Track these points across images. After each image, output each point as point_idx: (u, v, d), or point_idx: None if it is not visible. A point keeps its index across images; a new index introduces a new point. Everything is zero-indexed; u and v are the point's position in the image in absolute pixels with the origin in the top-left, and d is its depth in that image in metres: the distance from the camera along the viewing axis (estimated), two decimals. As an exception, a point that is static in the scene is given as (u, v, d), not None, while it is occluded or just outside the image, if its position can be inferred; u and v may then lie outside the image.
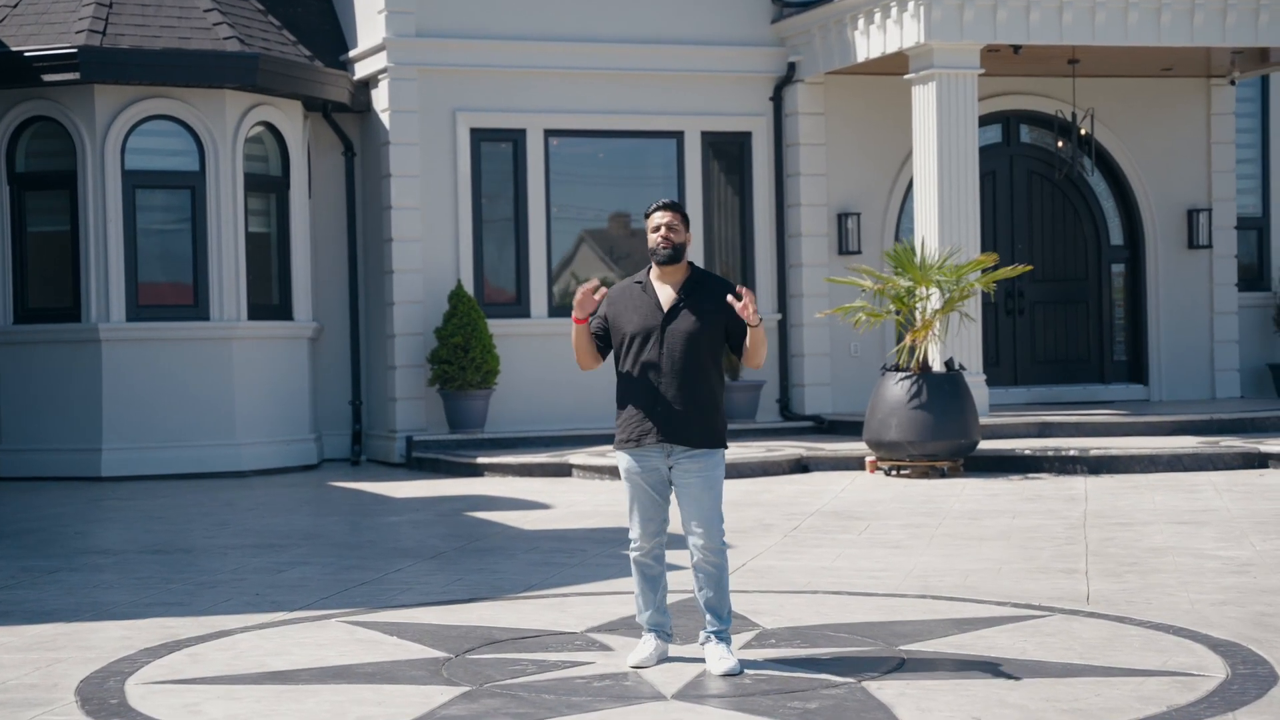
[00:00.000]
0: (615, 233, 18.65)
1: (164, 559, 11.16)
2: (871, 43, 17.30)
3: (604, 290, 7.30)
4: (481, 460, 16.29)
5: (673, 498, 7.40)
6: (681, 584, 8.60)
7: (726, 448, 7.35)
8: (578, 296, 7.23)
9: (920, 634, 7.89)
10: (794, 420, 18.39)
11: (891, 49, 16.99)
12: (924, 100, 16.83)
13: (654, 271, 7.34)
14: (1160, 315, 19.49)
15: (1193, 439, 16.02)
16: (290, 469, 17.40)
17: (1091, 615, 8.31)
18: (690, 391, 7.18)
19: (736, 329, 7.25)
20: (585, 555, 10.86)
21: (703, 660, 7.32)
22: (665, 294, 7.29)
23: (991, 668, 7.12)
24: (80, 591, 9.81)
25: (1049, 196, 19.48)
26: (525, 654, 7.66)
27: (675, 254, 7.26)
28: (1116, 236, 19.68)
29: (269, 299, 17.63)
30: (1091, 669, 7.09)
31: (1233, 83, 19.72)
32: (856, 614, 8.48)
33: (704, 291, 7.27)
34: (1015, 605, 8.63)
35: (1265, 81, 20.61)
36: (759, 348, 7.20)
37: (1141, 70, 19.14)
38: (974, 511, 12.73)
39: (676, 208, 7.31)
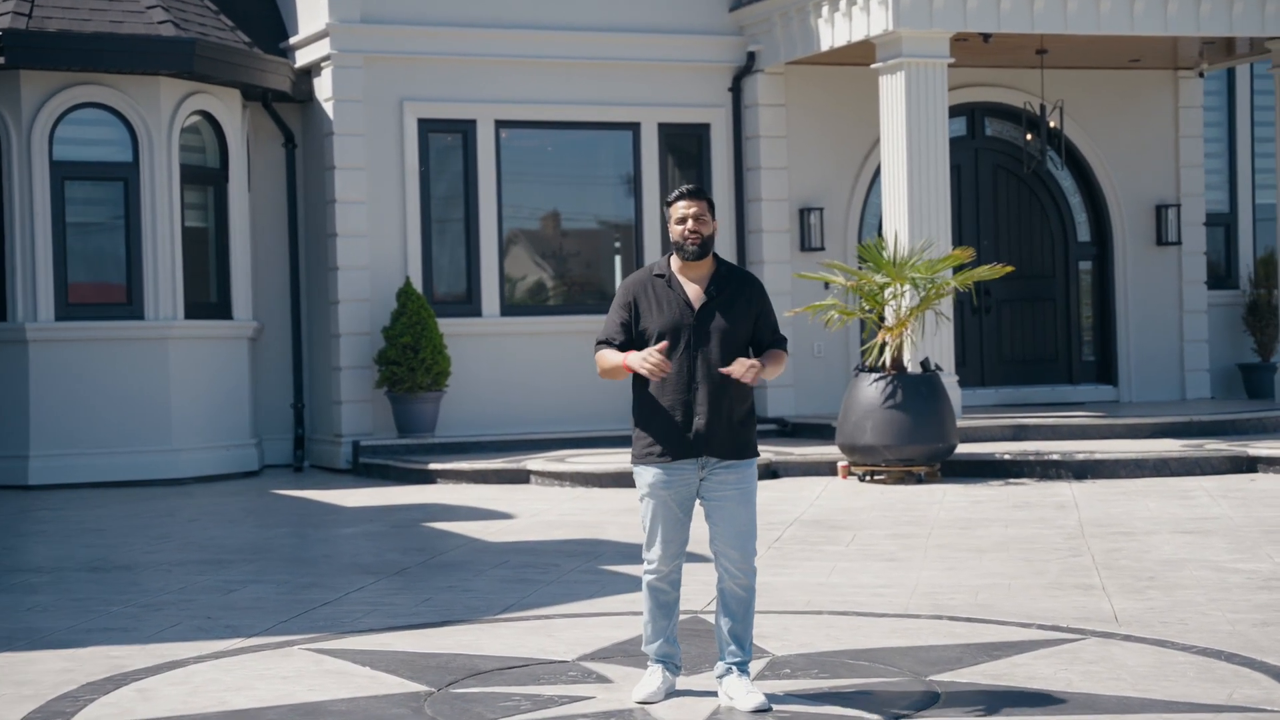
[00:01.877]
0: (548, 232, 17.87)
1: (103, 577, 10.32)
2: (836, 31, 16.64)
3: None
4: (433, 466, 15.50)
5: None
6: (687, 606, 7.88)
7: (759, 455, 6.66)
8: (656, 360, 6.40)
9: (948, 662, 7.20)
10: (760, 423, 17.63)
11: (858, 37, 16.34)
12: (892, 91, 16.19)
13: (675, 264, 6.60)
14: (1129, 314, 18.95)
15: (1174, 442, 15.46)
16: (230, 476, 16.55)
17: (1128, 639, 7.64)
18: (727, 397, 6.48)
19: (761, 333, 6.59)
20: (560, 571, 10.12)
21: (714, 693, 6.61)
22: (692, 290, 6.57)
23: (1039, 702, 6.44)
24: (12, 616, 8.96)
25: (1015, 192, 18.90)
26: (515, 687, 6.91)
27: (704, 248, 6.53)
28: (1084, 233, 19.13)
29: (207, 297, 16.77)
30: (1151, 703, 6.41)
31: (1201, 75, 19.22)
32: (873, 638, 7.78)
33: (734, 286, 6.58)
34: (1041, 627, 7.96)
35: (1231, 75, 20.14)
36: (777, 367, 6.58)
37: (1109, 61, 18.59)
38: (962, 520, 12.09)
39: (702, 195, 6.57)
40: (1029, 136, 18.08)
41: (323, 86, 17.11)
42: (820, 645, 7.64)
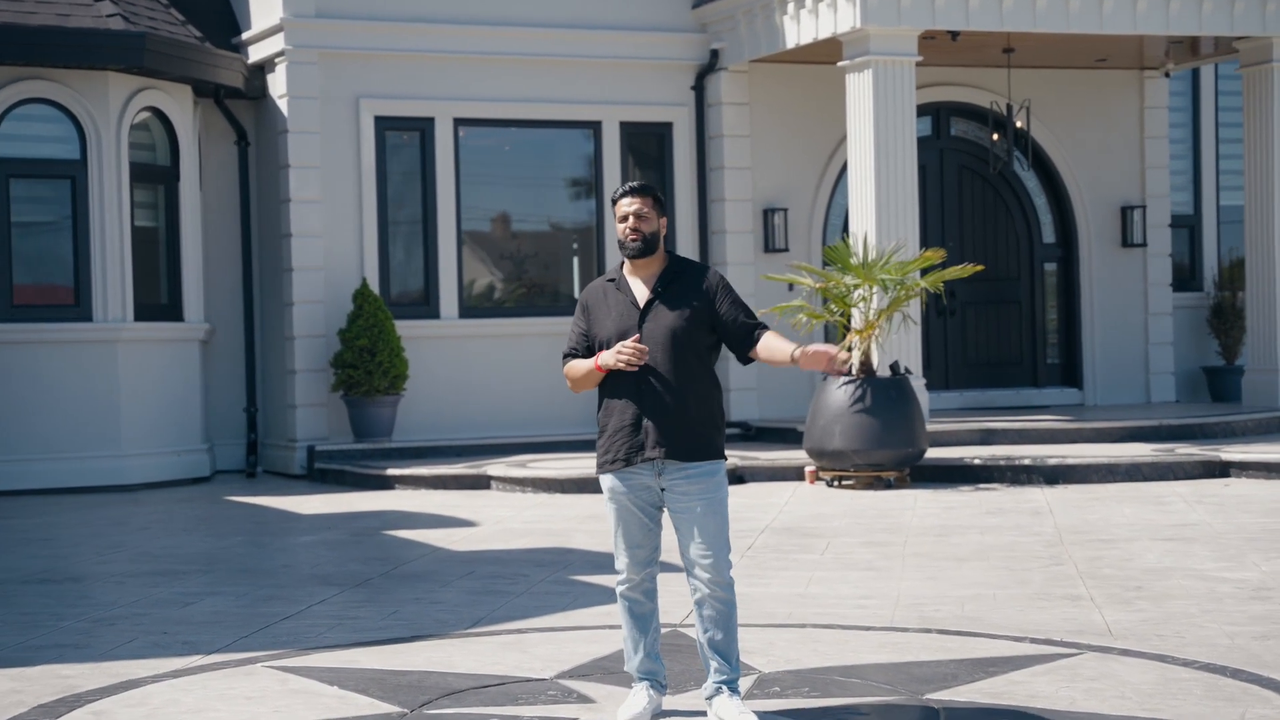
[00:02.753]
0: (508, 232, 17.52)
1: (51, 590, 9.92)
2: (802, 28, 16.36)
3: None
4: (391, 472, 15.13)
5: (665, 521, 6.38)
6: (665, 619, 7.57)
7: (725, 460, 6.32)
8: (631, 348, 6.13)
9: (944, 678, 6.91)
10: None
11: (824, 34, 16.06)
12: (859, 89, 15.92)
13: (627, 266, 6.35)
14: (1094, 316, 18.75)
15: (1145, 446, 15.25)
16: (180, 482, 16.12)
17: (1126, 653, 7.37)
18: (677, 397, 6.16)
19: (727, 326, 6.22)
20: (529, 582, 9.78)
21: (703, 713, 6.29)
22: (640, 290, 6.30)
23: (1044, 722, 6.16)
24: (-41, 631, 8.57)
25: (980, 192, 18.66)
26: (493, 708, 6.58)
27: (646, 246, 6.26)
28: (1049, 234, 18.91)
29: (157, 298, 16.35)
30: (1161, 723, 6.14)
31: (1167, 75, 19.04)
32: (861, 653, 7.48)
33: (684, 282, 6.27)
34: (1034, 641, 7.68)
35: (1196, 75, 19.97)
36: (773, 355, 6.21)
37: (1075, 61, 18.39)
38: (937, 528, 11.81)
39: (645, 191, 6.29)
40: (995, 136, 17.85)
41: (276, 83, 16.71)
42: (808, 661, 7.34)
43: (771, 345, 6.20)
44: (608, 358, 6.17)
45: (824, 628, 8.12)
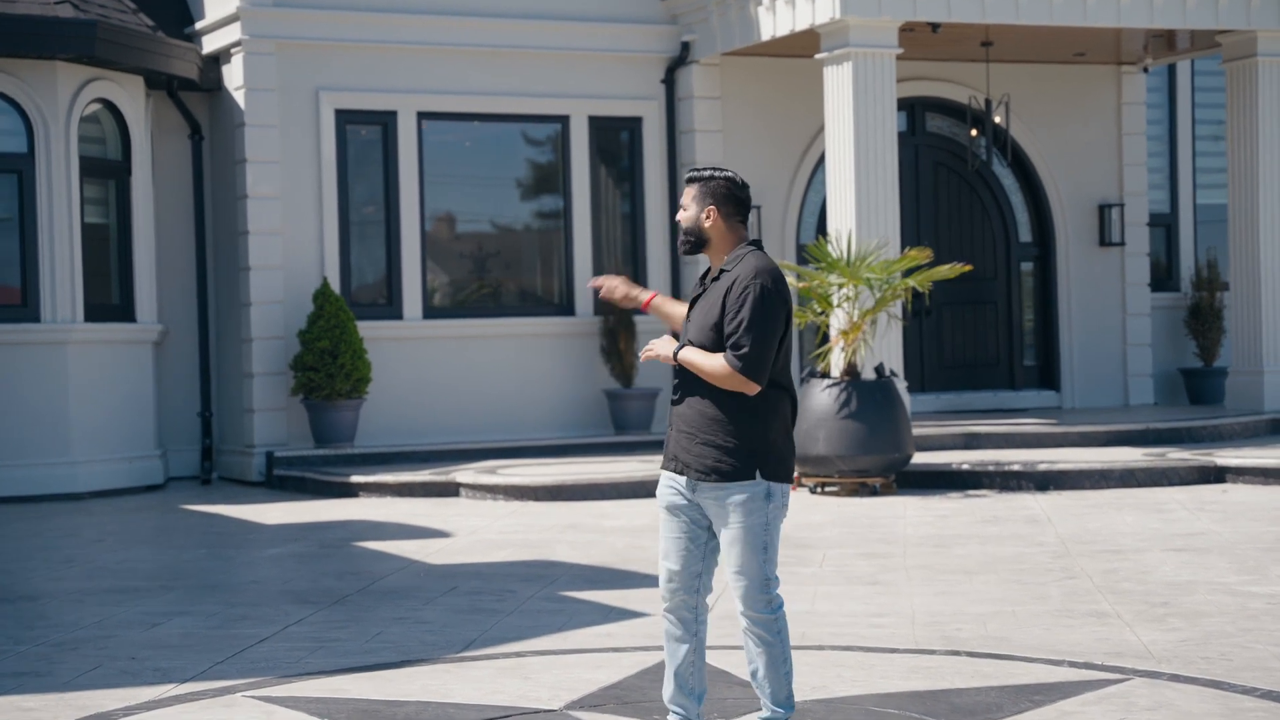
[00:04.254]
0: (474, 230, 16.95)
1: (5, 610, 9.27)
2: (778, 19, 15.84)
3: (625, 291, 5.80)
4: (355, 479, 14.52)
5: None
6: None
7: (774, 480, 5.60)
8: (625, 292, 5.71)
9: (987, 709, 6.40)
10: (691, 431, 16.81)
11: (801, 26, 15.55)
12: (838, 82, 15.42)
13: None
14: (1072, 317, 18.32)
15: (1134, 451, 14.82)
16: (133, 490, 15.45)
17: (1176, 679, 6.88)
18: (697, 411, 5.62)
19: (729, 329, 5.55)
20: (517, 598, 9.22)
21: (734, 752, 5.76)
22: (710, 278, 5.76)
23: (1111, 759, 5.65)
24: (-92, 657, 7.93)
25: (956, 190, 18.20)
26: (503, 745, 6.03)
27: (689, 241, 5.70)
28: (1025, 233, 18.47)
29: (108, 298, 15.67)
30: (1239, 760, 5.65)
31: (1145, 70, 18.65)
32: (891, 679, 6.96)
33: (719, 284, 5.66)
34: (1073, 664, 7.18)
35: (1172, 71, 19.59)
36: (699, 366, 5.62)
37: (1053, 55, 17.96)
38: (934, 538, 11.32)
39: (692, 178, 5.71)
40: (974, 133, 17.39)
41: (232, 74, 16.06)
42: (836, 688, 6.81)
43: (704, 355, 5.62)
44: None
45: (844, 650, 7.59)
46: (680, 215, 5.74)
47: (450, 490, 14.18)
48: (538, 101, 16.73)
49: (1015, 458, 14.32)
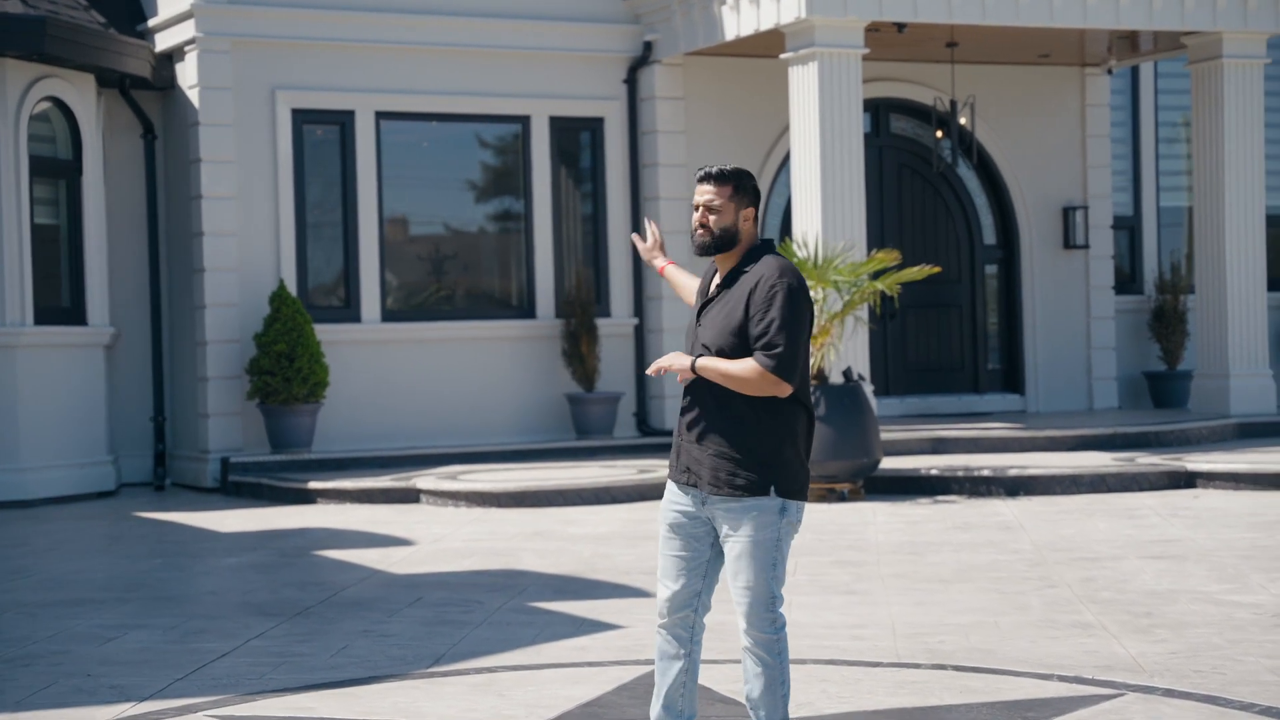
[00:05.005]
0: (433, 232, 16.68)
1: (-44, 622, 8.97)
2: (742, 19, 15.64)
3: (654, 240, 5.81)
4: (313, 485, 14.22)
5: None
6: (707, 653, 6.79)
7: (788, 497, 5.35)
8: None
9: (980, 726, 6.20)
10: (653, 435, 16.61)
11: (767, 25, 15.35)
12: (803, 83, 15.23)
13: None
14: (1036, 320, 18.18)
15: (1102, 455, 14.68)
16: (84, 497, 15.11)
17: (1170, 694, 6.69)
18: (713, 420, 5.36)
19: (754, 329, 5.30)
20: (484, 609, 8.96)
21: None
22: (715, 281, 5.50)
23: (1114, 780, 5.45)
24: None
25: (920, 192, 18.03)
26: (480, 767, 5.78)
27: (717, 242, 5.38)
28: (989, 236, 18.32)
29: (58, 301, 15.33)
30: (1245, 780, 5.46)
31: (1110, 72, 18.54)
32: (878, 695, 6.75)
33: (738, 285, 5.39)
34: (1062, 679, 6.98)
35: (1135, 73, 19.48)
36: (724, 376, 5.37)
37: (1018, 56, 17.81)
38: (907, 545, 11.13)
39: (725, 178, 5.39)
40: (939, 134, 17.22)
41: (186, 73, 15.75)
42: (822, 705, 6.60)
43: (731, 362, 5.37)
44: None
45: (827, 664, 7.38)
46: (710, 217, 5.38)
47: (411, 496, 13.91)
48: (498, 101, 16.48)
49: (984, 463, 14.15)
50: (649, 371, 5.49)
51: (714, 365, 5.32)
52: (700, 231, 5.40)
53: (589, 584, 9.79)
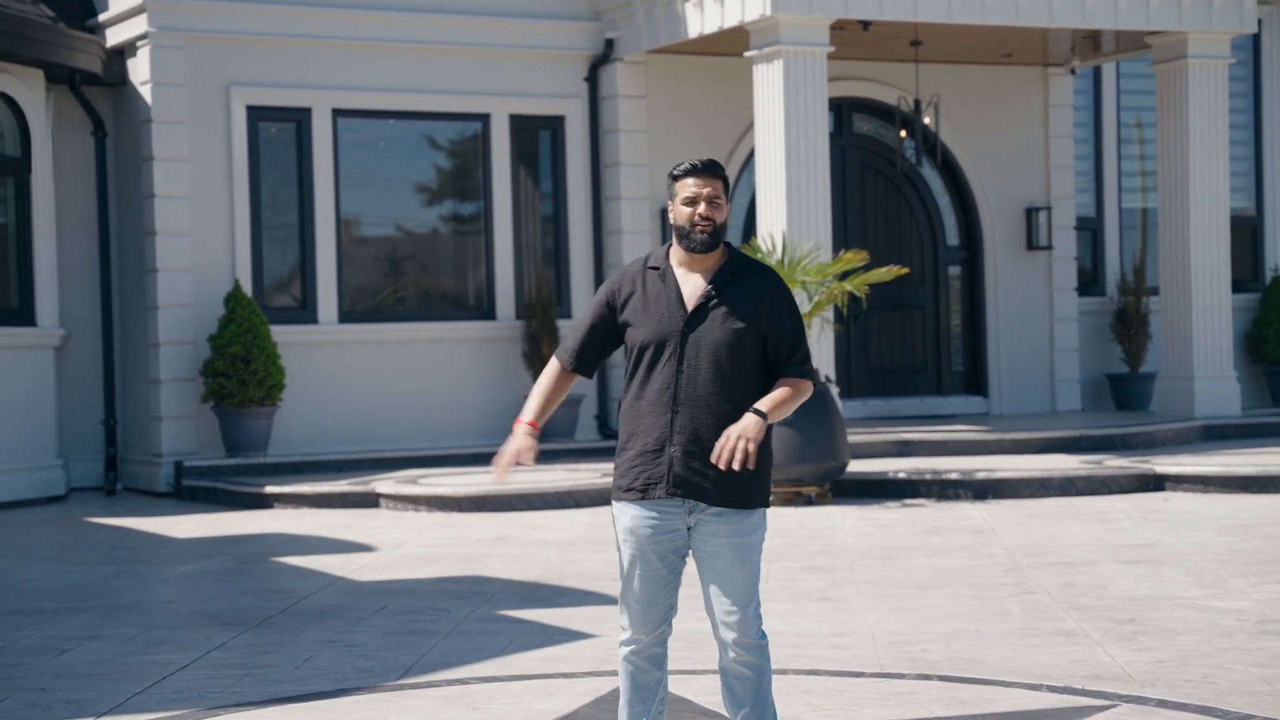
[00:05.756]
0: (391, 232, 16.39)
1: (-97, 633, 8.66)
2: (706, 16, 15.44)
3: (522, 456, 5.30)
4: (270, 489, 13.94)
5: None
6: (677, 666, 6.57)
7: (769, 506, 5.27)
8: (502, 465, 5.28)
9: (973, 739, 6.00)
10: (615, 439, 16.33)
11: (731, 23, 15.15)
12: (768, 81, 15.04)
13: (675, 254, 5.25)
14: (999, 322, 18.05)
15: (1069, 458, 14.53)
16: (33, 501, 14.79)
17: (1164, 704, 6.51)
18: (718, 426, 5.10)
19: (777, 343, 5.17)
20: (452, 618, 8.72)
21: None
22: (691, 286, 5.20)
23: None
24: None
25: (883, 192, 17.87)
26: (456, 786, 5.54)
27: (715, 239, 5.18)
28: (953, 237, 18.17)
29: (6, 301, 15.01)
30: (1253, 796, 5.27)
31: (1073, 72, 18.43)
32: (865, 707, 6.54)
33: (742, 284, 5.19)
34: (1052, 689, 6.79)
35: (1097, 74, 19.36)
36: (787, 409, 5.20)
37: (982, 56, 17.68)
38: (878, 550, 10.94)
39: (718, 170, 5.19)
40: (903, 134, 17.06)
41: (138, 68, 15.43)
42: (808, 719, 6.38)
43: (782, 395, 5.17)
44: (507, 447, 5.29)
45: (808, 674, 7.17)
46: (712, 211, 5.14)
47: (370, 501, 13.65)
48: (457, 99, 16.23)
49: (951, 466, 13.98)
50: (733, 464, 5.04)
51: (778, 401, 5.12)
52: (703, 225, 5.16)
53: (557, 591, 9.56)
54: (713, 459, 5.04)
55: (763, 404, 5.10)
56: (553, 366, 5.36)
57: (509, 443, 5.29)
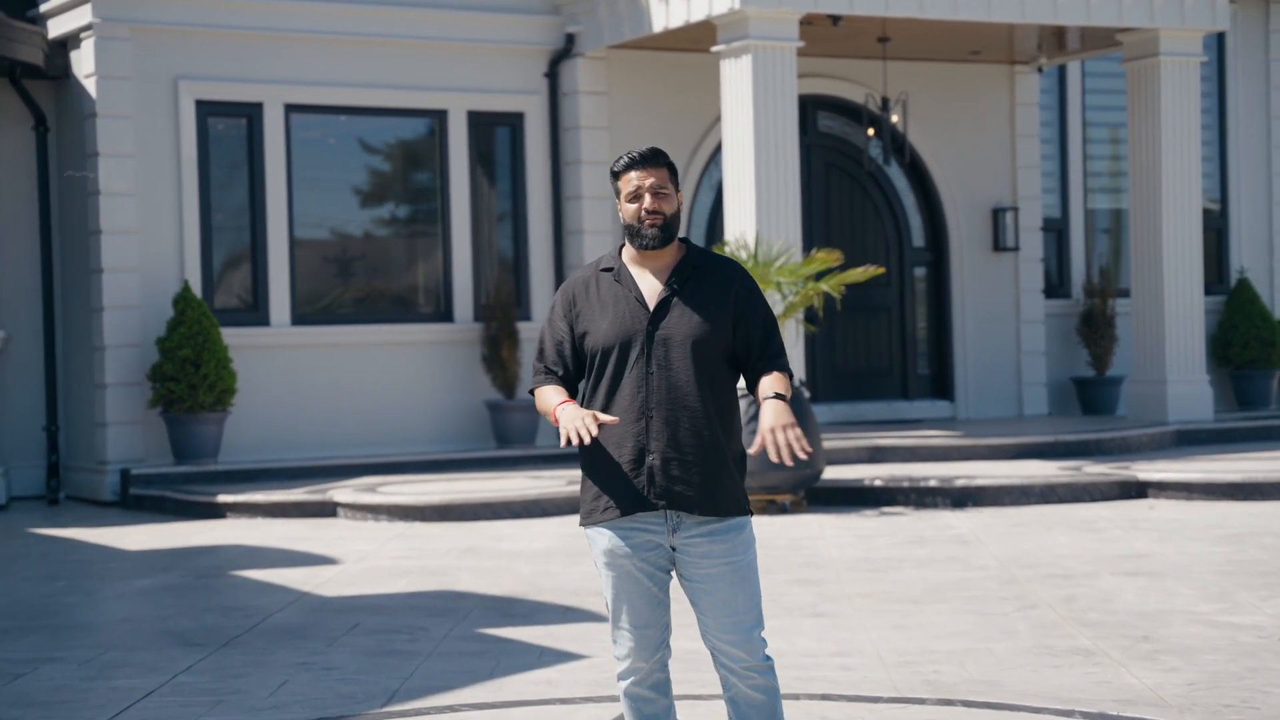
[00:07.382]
0: (347, 231, 15.88)
1: None
2: (672, 10, 15.00)
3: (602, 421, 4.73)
4: (222, 498, 13.39)
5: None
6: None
7: (752, 514, 4.88)
8: (580, 428, 4.62)
9: (1015, 773, 5.58)
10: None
11: (697, 17, 14.73)
12: (736, 77, 14.63)
13: (628, 253, 4.87)
14: (965, 325, 17.70)
15: (1046, 464, 14.19)
16: (-28, 511, 14.18)
17: (1208, 730, 6.13)
18: (696, 428, 4.72)
19: (747, 337, 4.79)
20: (431, 638, 8.24)
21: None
22: (649, 285, 4.83)
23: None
24: None
25: (848, 192, 17.48)
26: (463, 830, 5.08)
27: (666, 232, 4.80)
28: (919, 238, 17.81)
29: (-56, 302, 14.40)
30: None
31: (1040, 70, 18.11)
32: (890, 737, 6.13)
33: (705, 277, 4.84)
34: (1086, 716, 6.39)
35: (1062, 72, 19.05)
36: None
37: (949, 54, 17.33)
38: (864, 561, 10.53)
39: (661, 159, 4.80)
40: (870, 132, 16.68)
41: (82, 61, 14.84)
42: (831, 750, 5.96)
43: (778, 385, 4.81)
44: (564, 418, 4.66)
45: (822, 699, 6.74)
46: (660, 203, 4.77)
47: (327, 510, 13.13)
48: (413, 95, 15.73)
49: (928, 472, 13.61)
50: (783, 456, 4.66)
51: (786, 388, 4.78)
52: (652, 219, 4.78)
53: (537, 606, 9.10)
54: (771, 457, 4.65)
55: (774, 388, 4.76)
56: (545, 383, 4.88)
57: (568, 413, 4.68)
